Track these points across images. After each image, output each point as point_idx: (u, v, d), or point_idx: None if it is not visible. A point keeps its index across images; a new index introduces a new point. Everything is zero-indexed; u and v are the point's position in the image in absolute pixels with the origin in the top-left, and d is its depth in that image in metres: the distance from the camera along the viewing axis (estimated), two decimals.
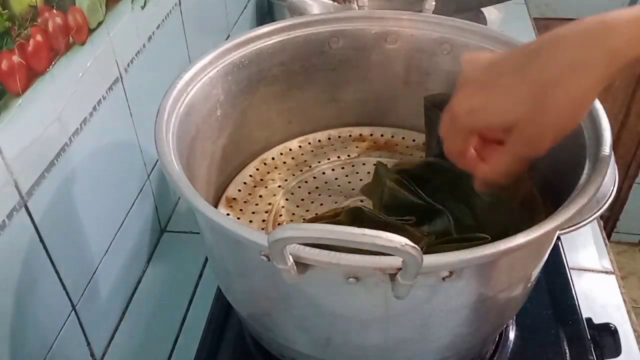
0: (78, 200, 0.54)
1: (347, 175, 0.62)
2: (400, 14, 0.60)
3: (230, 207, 0.59)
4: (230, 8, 0.95)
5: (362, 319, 0.42)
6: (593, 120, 0.46)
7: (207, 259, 0.71)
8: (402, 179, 0.52)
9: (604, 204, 0.48)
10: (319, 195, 0.60)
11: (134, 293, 0.68)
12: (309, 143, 0.66)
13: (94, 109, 0.55)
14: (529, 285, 0.47)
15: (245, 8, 1.03)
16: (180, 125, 0.48)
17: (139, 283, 0.69)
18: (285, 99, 0.63)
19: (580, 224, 0.46)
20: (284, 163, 0.64)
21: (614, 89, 1.48)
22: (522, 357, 0.55)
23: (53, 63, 0.48)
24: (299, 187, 0.61)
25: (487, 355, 0.55)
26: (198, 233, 0.70)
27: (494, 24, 1.03)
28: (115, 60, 0.59)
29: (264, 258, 0.37)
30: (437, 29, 0.59)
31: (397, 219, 0.48)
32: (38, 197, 0.48)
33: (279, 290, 0.42)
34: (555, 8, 1.40)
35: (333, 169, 0.63)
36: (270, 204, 0.59)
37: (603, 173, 0.41)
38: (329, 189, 0.60)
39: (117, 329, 0.64)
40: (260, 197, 0.60)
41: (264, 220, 0.57)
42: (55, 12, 0.48)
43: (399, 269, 0.34)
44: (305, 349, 0.47)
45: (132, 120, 0.64)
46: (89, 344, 0.59)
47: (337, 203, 0.58)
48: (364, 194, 0.58)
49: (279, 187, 0.61)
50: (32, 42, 0.45)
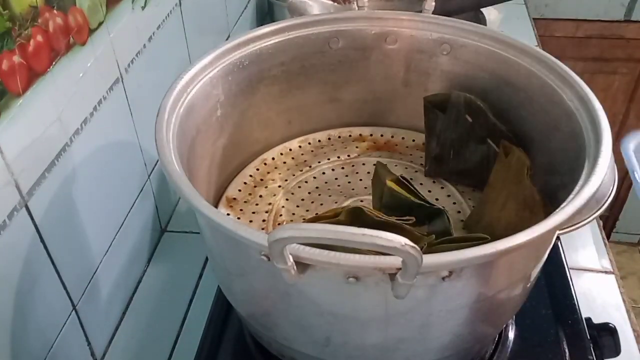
0: (79, 200, 0.54)
1: (347, 175, 0.62)
2: (400, 14, 0.60)
3: (231, 207, 0.59)
4: (231, 8, 0.95)
5: (361, 319, 0.42)
6: (593, 120, 0.46)
7: (207, 259, 0.71)
8: (401, 179, 0.52)
9: (604, 204, 0.48)
10: (319, 195, 0.60)
11: (135, 293, 0.68)
12: (309, 143, 0.66)
13: (95, 109, 0.56)
14: (529, 285, 0.47)
15: (246, 8, 1.03)
16: (181, 126, 0.48)
17: (140, 283, 0.69)
18: (285, 99, 0.63)
19: (580, 224, 0.46)
20: (284, 163, 0.64)
21: (614, 89, 1.48)
22: (521, 357, 0.55)
23: (53, 63, 0.48)
24: (299, 187, 0.61)
25: (486, 355, 0.55)
26: (198, 233, 0.70)
27: (494, 24, 1.03)
28: (116, 61, 0.59)
29: (264, 258, 0.37)
30: (436, 30, 0.59)
31: (397, 219, 0.48)
32: (39, 197, 0.48)
33: (279, 290, 0.42)
34: (555, 8, 1.40)
35: (333, 169, 0.63)
36: (270, 204, 0.59)
37: (603, 173, 0.41)
38: (329, 189, 0.60)
39: (117, 329, 0.64)
40: (261, 197, 0.60)
41: (264, 220, 0.57)
42: (56, 12, 0.48)
43: (399, 269, 0.34)
44: (305, 349, 0.47)
45: (132, 121, 0.64)
46: (90, 344, 0.59)
47: (337, 203, 0.58)
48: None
49: (279, 187, 0.61)
50: (32, 42, 0.45)
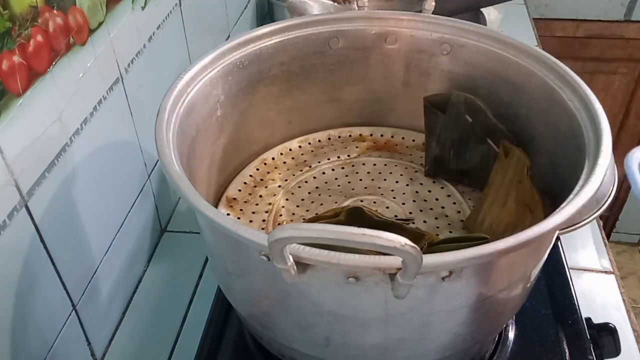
0: (79, 200, 0.54)
1: (347, 175, 0.62)
2: (400, 14, 0.60)
3: (231, 207, 0.59)
4: (231, 8, 0.95)
5: (361, 319, 0.42)
6: (593, 120, 0.46)
7: (207, 259, 0.71)
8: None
9: (604, 204, 0.48)
10: (319, 195, 0.60)
11: (135, 293, 0.68)
12: (309, 143, 0.66)
13: (95, 109, 0.56)
14: (529, 285, 0.47)
15: (246, 8, 1.03)
16: (181, 126, 0.48)
17: (140, 283, 0.69)
18: (285, 99, 0.63)
19: (580, 224, 0.46)
20: (284, 163, 0.64)
21: (614, 89, 1.48)
22: (521, 356, 0.55)
23: (54, 63, 0.48)
24: (299, 187, 0.61)
25: (486, 355, 0.55)
26: (198, 233, 0.70)
27: (494, 24, 1.03)
28: (116, 61, 0.59)
29: (264, 258, 0.37)
30: (436, 30, 0.59)
31: (397, 219, 0.48)
32: (39, 197, 0.48)
33: (279, 290, 0.42)
34: (555, 8, 1.40)
35: (333, 169, 0.63)
36: (270, 204, 0.59)
37: (603, 173, 0.41)
38: (329, 189, 0.60)
39: (117, 329, 0.64)
40: (260, 197, 0.60)
41: (264, 220, 0.57)
42: (56, 12, 0.48)
43: (399, 269, 0.34)
44: (305, 349, 0.47)
45: (132, 121, 0.64)
46: (90, 344, 0.59)
47: (337, 203, 0.58)
48: None
49: (279, 187, 0.61)
50: (32, 42, 0.45)
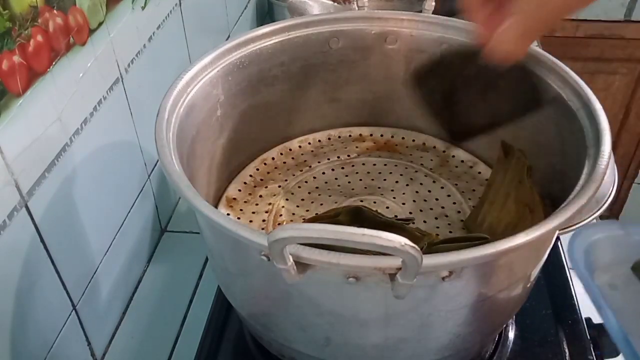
0: (79, 200, 0.54)
1: (347, 175, 0.62)
2: (400, 14, 0.60)
3: (230, 207, 0.59)
4: (231, 8, 0.95)
5: (361, 319, 0.42)
6: (593, 120, 0.46)
7: (207, 259, 0.71)
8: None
9: (604, 204, 0.48)
10: (319, 195, 0.60)
11: (135, 293, 0.68)
12: (309, 143, 0.66)
13: (95, 109, 0.56)
14: (529, 285, 0.47)
15: (246, 8, 1.03)
16: (181, 126, 0.48)
17: (140, 283, 0.69)
18: (285, 99, 0.63)
19: (580, 224, 0.46)
20: (284, 163, 0.64)
21: (614, 89, 1.48)
22: (521, 356, 0.55)
23: (54, 63, 0.48)
24: (299, 187, 0.61)
25: (486, 355, 0.55)
26: (198, 233, 0.70)
27: None
28: (116, 61, 0.59)
29: (264, 258, 0.37)
30: (437, 29, 0.59)
31: (397, 219, 0.48)
32: (39, 197, 0.48)
33: (279, 290, 0.42)
34: None
35: (333, 169, 0.63)
36: (270, 204, 0.59)
37: (603, 173, 0.41)
38: (329, 189, 0.60)
39: (117, 329, 0.64)
40: (260, 197, 0.60)
41: (264, 220, 0.57)
42: (56, 12, 0.48)
43: (399, 269, 0.34)
44: (305, 349, 0.47)
45: (132, 121, 0.64)
46: (90, 344, 0.59)
47: (337, 203, 0.58)
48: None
49: (279, 187, 0.61)
50: (32, 42, 0.45)
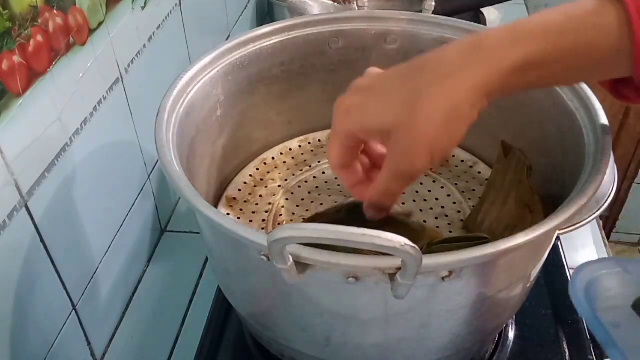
0: (79, 200, 0.54)
1: None
2: (400, 14, 0.60)
3: (230, 207, 0.59)
4: (231, 8, 0.95)
5: (361, 319, 0.42)
6: (593, 120, 0.46)
7: (207, 259, 0.71)
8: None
9: (604, 204, 0.48)
10: (319, 195, 0.60)
11: (135, 293, 0.68)
12: (309, 143, 0.66)
13: (95, 109, 0.56)
14: (529, 285, 0.47)
15: (246, 8, 1.03)
16: (181, 126, 0.48)
17: (140, 283, 0.69)
18: (285, 99, 0.63)
19: (580, 224, 0.46)
20: (284, 163, 0.64)
21: None
22: (521, 357, 0.55)
23: (53, 63, 0.48)
24: (299, 187, 0.61)
25: (486, 355, 0.55)
26: (198, 233, 0.70)
27: (494, 24, 1.03)
28: (116, 61, 0.59)
29: (264, 258, 0.37)
30: (437, 29, 0.59)
31: (398, 214, 0.48)
32: (39, 197, 0.48)
33: (279, 290, 0.42)
34: None
35: None
36: (270, 204, 0.59)
37: (603, 173, 0.41)
38: (329, 189, 0.60)
39: (117, 329, 0.64)
40: (260, 197, 0.60)
41: (264, 220, 0.57)
42: (56, 12, 0.48)
43: (399, 269, 0.34)
44: (305, 349, 0.47)
45: (132, 121, 0.64)
46: (90, 344, 0.59)
47: (337, 203, 0.58)
48: None
49: (279, 187, 0.61)
50: (32, 42, 0.45)
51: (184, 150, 0.48)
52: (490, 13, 1.02)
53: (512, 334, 0.57)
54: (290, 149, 0.66)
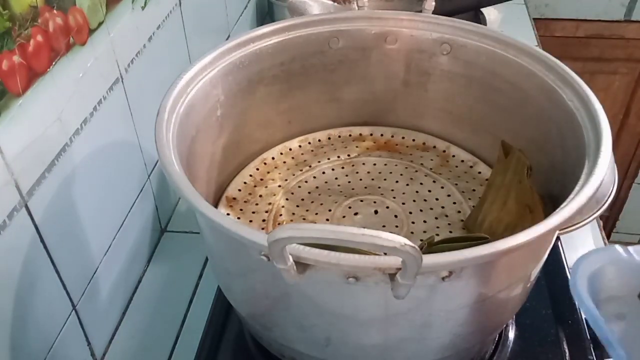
0: (78, 200, 0.54)
1: (347, 175, 0.62)
2: (400, 14, 0.60)
3: (230, 207, 0.59)
4: (231, 8, 0.95)
5: (361, 319, 0.42)
6: (593, 120, 0.46)
7: (207, 259, 0.71)
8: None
9: (604, 204, 0.48)
10: (319, 195, 0.60)
11: (135, 293, 0.68)
12: (309, 143, 0.66)
13: (95, 109, 0.56)
14: (529, 285, 0.47)
15: (246, 8, 1.03)
16: (181, 126, 0.48)
17: (140, 283, 0.69)
18: (285, 99, 0.63)
19: (580, 224, 0.46)
20: (284, 163, 0.64)
21: (614, 89, 1.48)
22: (521, 357, 0.55)
23: (53, 63, 0.48)
24: (299, 187, 0.61)
25: (486, 355, 0.55)
26: (198, 233, 0.70)
27: (494, 24, 1.03)
28: (116, 61, 0.59)
29: (264, 258, 0.37)
30: (436, 29, 0.59)
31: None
32: (39, 197, 0.48)
33: (279, 290, 0.42)
34: (555, 8, 1.40)
35: (333, 169, 0.63)
36: (270, 204, 0.59)
37: (603, 173, 0.41)
38: (329, 189, 0.60)
39: (117, 329, 0.64)
40: (260, 197, 0.60)
41: (264, 220, 0.57)
42: (56, 12, 0.48)
43: (399, 269, 0.34)
44: (305, 349, 0.47)
45: (132, 120, 0.64)
46: (90, 344, 0.59)
47: (337, 203, 0.58)
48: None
49: (279, 186, 0.61)
50: (32, 42, 0.45)
51: (184, 150, 0.48)
52: (490, 13, 1.02)
53: (512, 334, 0.57)
54: (290, 149, 0.66)
